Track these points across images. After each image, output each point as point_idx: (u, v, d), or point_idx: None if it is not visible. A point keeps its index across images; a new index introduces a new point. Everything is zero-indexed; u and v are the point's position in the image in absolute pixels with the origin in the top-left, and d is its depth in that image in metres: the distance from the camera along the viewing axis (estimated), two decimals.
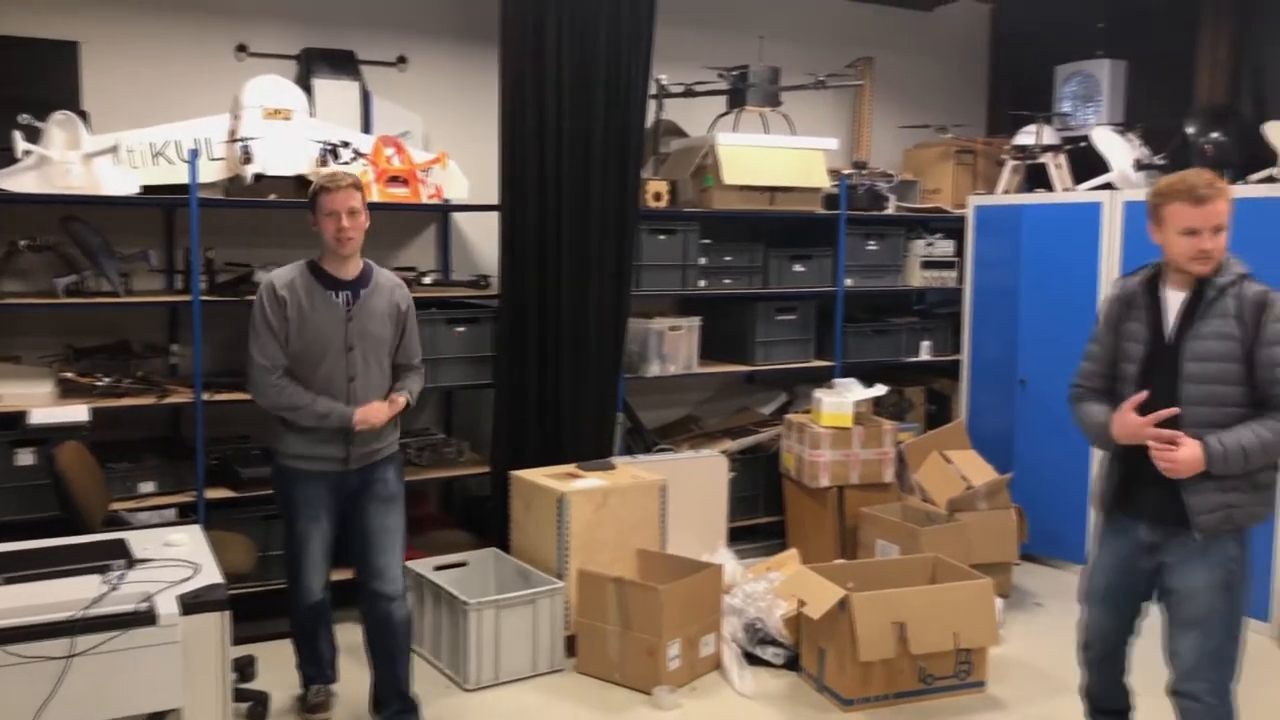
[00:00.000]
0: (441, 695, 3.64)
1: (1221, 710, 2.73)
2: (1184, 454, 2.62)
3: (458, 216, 4.88)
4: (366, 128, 4.46)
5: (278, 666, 3.69)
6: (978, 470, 4.73)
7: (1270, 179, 4.29)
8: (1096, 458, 4.77)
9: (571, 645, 3.90)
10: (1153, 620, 2.93)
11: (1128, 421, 2.70)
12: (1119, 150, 4.92)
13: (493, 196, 4.44)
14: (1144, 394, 2.69)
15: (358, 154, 4.15)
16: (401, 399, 3.33)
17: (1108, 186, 4.89)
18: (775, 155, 4.93)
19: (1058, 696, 3.70)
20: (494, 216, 4.46)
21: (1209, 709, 2.72)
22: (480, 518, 4.54)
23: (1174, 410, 2.65)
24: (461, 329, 4.43)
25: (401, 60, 4.71)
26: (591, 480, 4.08)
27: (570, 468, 4.23)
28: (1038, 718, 3.58)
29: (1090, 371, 2.95)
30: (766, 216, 5.06)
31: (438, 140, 4.68)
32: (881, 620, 3.55)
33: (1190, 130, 4.70)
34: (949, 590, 3.72)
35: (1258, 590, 3.91)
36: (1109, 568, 2.91)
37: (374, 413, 3.23)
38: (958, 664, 3.66)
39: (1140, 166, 4.85)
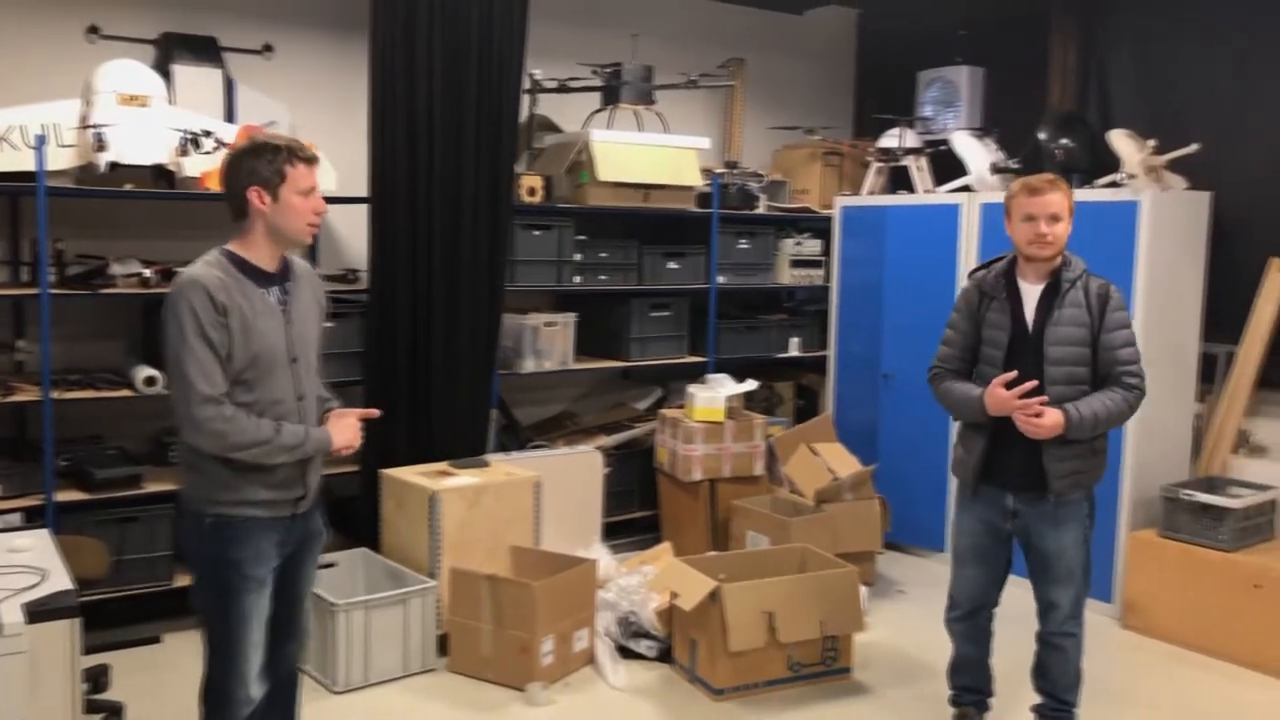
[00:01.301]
0: (309, 699, 3.54)
1: (1082, 639, 3.22)
2: (1048, 420, 2.99)
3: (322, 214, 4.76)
4: (230, 117, 4.32)
5: (133, 675, 3.56)
6: (843, 462, 4.87)
7: (1114, 184, 4.53)
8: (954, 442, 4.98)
9: (444, 644, 3.86)
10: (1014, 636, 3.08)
11: (999, 396, 3.03)
12: (977, 154, 5.13)
13: (362, 189, 4.36)
14: (1013, 374, 3.03)
15: (220, 143, 4.02)
16: (372, 411, 2.75)
17: (966, 189, 5.08)
18: (649, 153, 4.97)
19: (920, 680, 3.84)
20: (363, 209, 4.38)
21: (1078, 641, 3.20)
22: (349, 518, 4.45)
23: (1035, 383, 3.00)
24: (329, 324, 4.31)
25: (267, 48, 4.58)
26: (464, 478, 4.05)
27: (443, 465, 4.18)
28: (900, 700, 3.71)
29: (949, 355, 3.28)
30: (641, 213, 5.10)
31: (305, 131, 4.55)
32: (751, 610, 3.62)
33: (1042, 136, 4.92)
34: (816, 579, 3.82)
35: (1101, 573, 4.14)
36: (974, 530, 3.25)
37: (353, 431, 2.63)
38: (824, 651, 3.76)
39: (996, 170, 5.06)
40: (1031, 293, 3.14)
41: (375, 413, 2.75)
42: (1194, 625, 4.11)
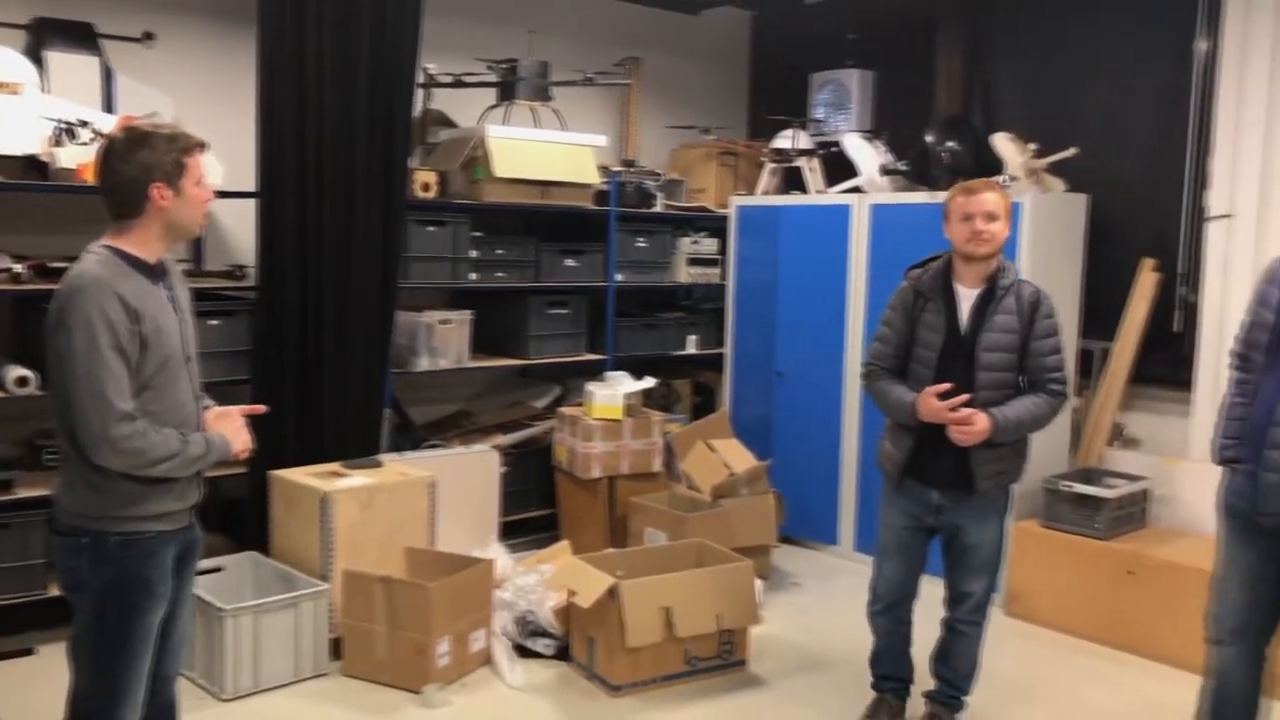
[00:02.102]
0: (195, 708, 3.45)
1: (985, 630, 3.38)
2: (977, 427, 3.09)
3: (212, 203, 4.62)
4: (109, 107, 4.16)
5: (7, 689, 3.40)
6: (740, 458, 4.93)
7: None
8: (848, 444, 5.11)
9: (337, 648, 3.78)
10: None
11: (932, 406, 3.12)
12: (867, 156, 5.24)
13: (250, 183, 4.24)
14: (947, 385, 3.11)
15: (98, 134, 3.86)
16: (257, 408, 2.62)
17: (857, 190, 5.19)
18: (546, 150, 4.95)
19: (814, 671, 3.91)
20: (251, 204, 4.26)
21: (981, 631, 3.36)
22: (237, 521, 4.32)
23: (968, 396, 3.10)
24: (215, 322, 4.20)
25: (148, 36, 4.41)
26: (357, 479, 3.97)
27: (334, 466, 4.10)
28: (794, 690, 3.77)
29: (883, 353, 3.32)
30: (538, 210, 5.07)
31: (190, 123, 4.34)
32: (649, 606, 3.64)
33: (929, 138, 5.05)
34: (713, 574, 3.85)
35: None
36: (897, 524, 3.33)
37: (244, 432, 2.52)
38: (721, 645, 3.80)
39: (885, 171, 5.18)
40: (967, 296, 3.19)
41: (260, 409, 2.63)
42: (1073, 611, 4.28)
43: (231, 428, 2.50)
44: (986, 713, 3.56)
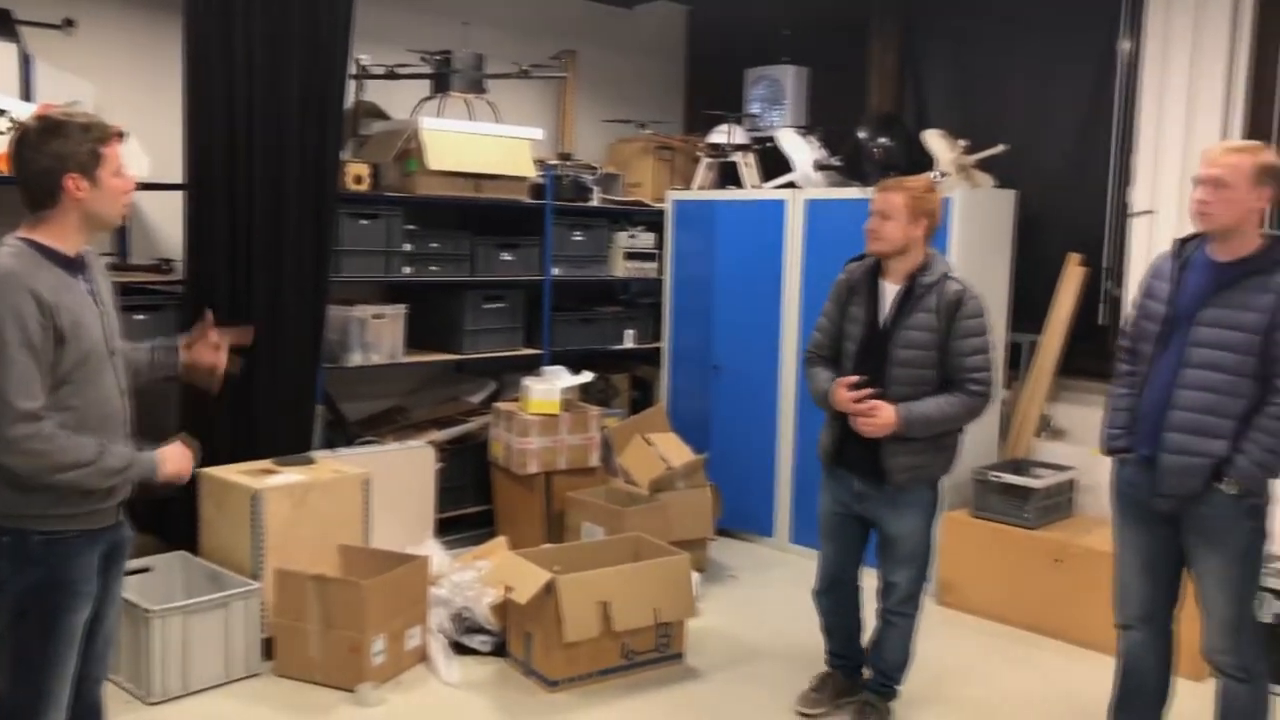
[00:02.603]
0: (121, 712, 3.37)
1: (916, 622, 3.43)
2: (880, 419, 3.16)
3: (137, 195, 4.49)
4: (28, 95, 4.03)
5: None
6: (677, 452, 4.94)
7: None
8: (784, 437, 5.15)
9: (269, 648, 3.72)
10: None
11: (841, 396, 3.23)
12: (802, 151, 5.28)
13: (177, 175, 4.15)
14: (856, 378, 3.22)
15: (15, 123, 3.74)
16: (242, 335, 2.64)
17: (791, 185, 5.23)
18: (481, 142, 4.91)
19: (750, 662, 3.95)
20: (178, 196, 4.17)
21: (912, 622, 3.41)
22: (165, 520, 4.22)
23: (871, 391, 3.19)
24: (142, 316, 4.10)
25: (69, 23, 4.29)
26: (289, 475, 3.91)
27: (266, 463, 4.03)
28: (730, 682, 3.79)
29: (819, 342, 3.43)
30: (473, 204, 5.03)
31: (114, 112, 4.28)
32: (586, 600, 3.63)
33: (862, 135, 5.11)
34: (649, 567, 3.86)
35: None
36: (829, 509, 3.43)
37: (185, 460, 2.50)
38: (658, 638, 3.81)
39: (820, 167, 5.22)
40: (890, 292, 3.26)
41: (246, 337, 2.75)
42: (1002, 599, 4.36)
43: (173, 454, 2.46)
44: (919, 700, 3.62)
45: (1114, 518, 3.04)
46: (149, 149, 4.19)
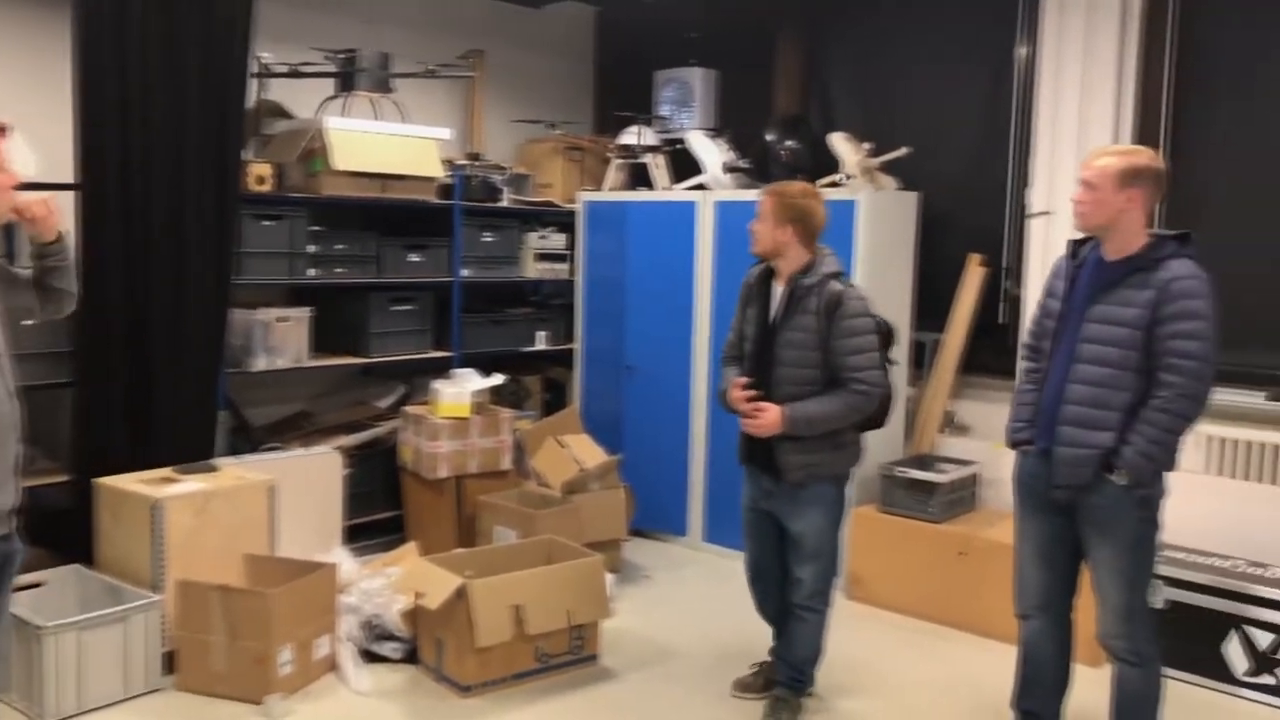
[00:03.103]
0: None
1: (826, 618, 3.50)
2: (765, 419, 3.25)
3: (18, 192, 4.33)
4: None
5: None
6: (590, 453, 4.94)
7: (835, 183, 4.82)
8: (697, 437, 5.19)
9: (171, 662, 3.61)
10: None
11: (732, 396, 3.35)
12: (711, 153, 5.32)
13: (69, 174, 4.00)
14: (745, 379, 3.32)
15: None
16: None
17: (701, 187, 5.27)
18: (388, 142, 4.84)
19: (664, 662, 3.96)
20: (70, 197, 4.02)
21: (821, 618, 3.48)
22: (59, 532, 4.07)
23: (754, 393, 3.28)
24: (32, 321, 3.94)
25: None
26: (190, 484, 3.80)
27: (166, 471, 3.91)
28: (646, 681, 3.80)
29: (730, 341, 3.57)
30: (380, 204, 4.96)
31: None
32: (499, 605, 3.61)
33: (770, 137, 5.17)
34: (562, 570, 3.85)
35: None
36: (747, 505, 3.53)
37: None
38: (572, 640, 3.80)
39: (729, 169, 5.27)
40: (779, 294, 3.35)
41: None
42: (910, 593, 4.45)
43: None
44: (832, 694, 3.67)
45: (1015, 509, 3.13)
46: (38, 147, 4.02)
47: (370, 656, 3.83)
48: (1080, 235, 3.04)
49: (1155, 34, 4.44)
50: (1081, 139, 4.50)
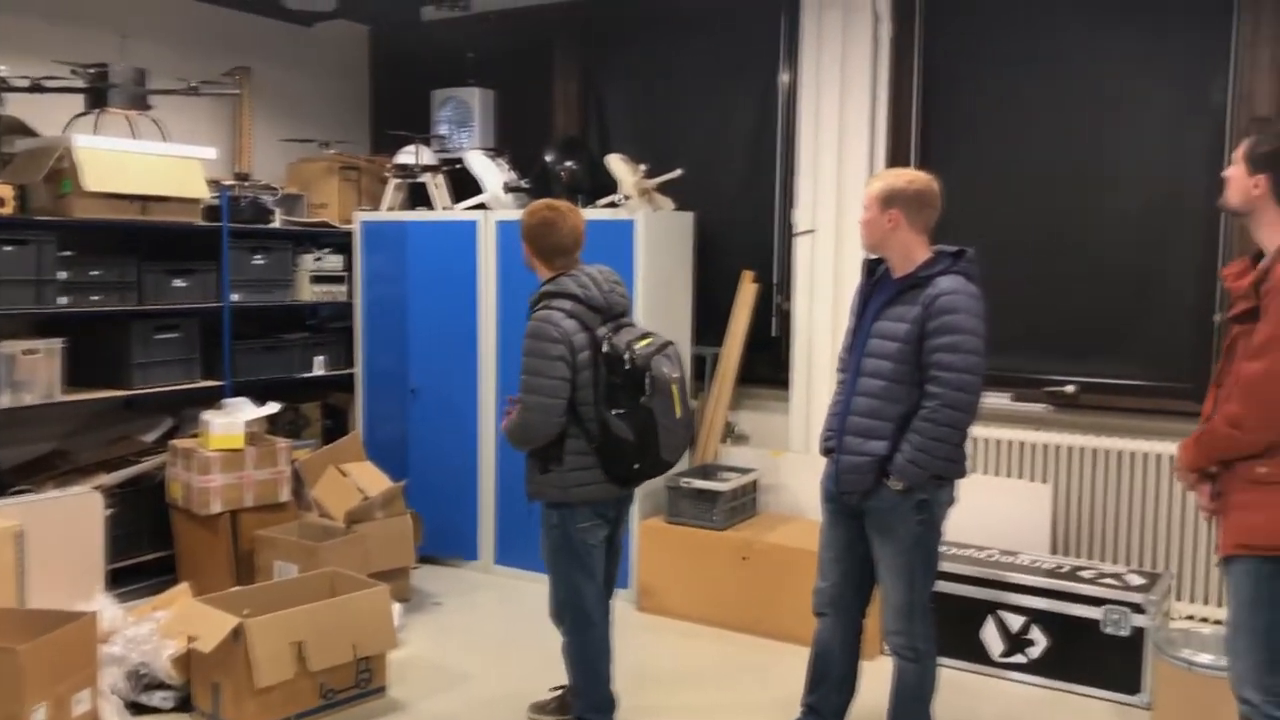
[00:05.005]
0: None
1: (571, 638, 3.39)
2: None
3: None
4: None
5: None
6: (374, 480, 4.82)
7: (613, 204, 4.91)
8: (485, 459, 5.14)
9: None
10: None
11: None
12: (491, 173, 5.31)
13: None
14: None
15: None
16: None
17: (482, 206, 5.25)
18: (146, 162, 4.58)
19: (455, 688, 3.90)
20: None
21: (567, 641, 3.38)
22: None
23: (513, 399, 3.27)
24: None
25: None
26: None
27: None
28: (434, 711, 3.73)
29: None
30: (140, 227, 4.67)
31: None
32: (279, 643, 3.46)
33: (549, 158, 5.21)
34: (346, 602, 3.73)
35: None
36: None
37: None
38: (358, 674, 3.69)
39: (509, 189, 5.27)
40: None
41: None
42: (697, 600, 4.57)
43: None
44: (631, 711, 3.69)
45: (821, 512, 3.27)
46: None
47: (138, 709, 3.59)
48: (872, 255, 3.20)
49: (903, 64, 4.77)
50: (841, 161, 4.77)
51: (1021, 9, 4.60)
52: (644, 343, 3.21)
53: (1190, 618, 4.25)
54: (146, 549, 4.73)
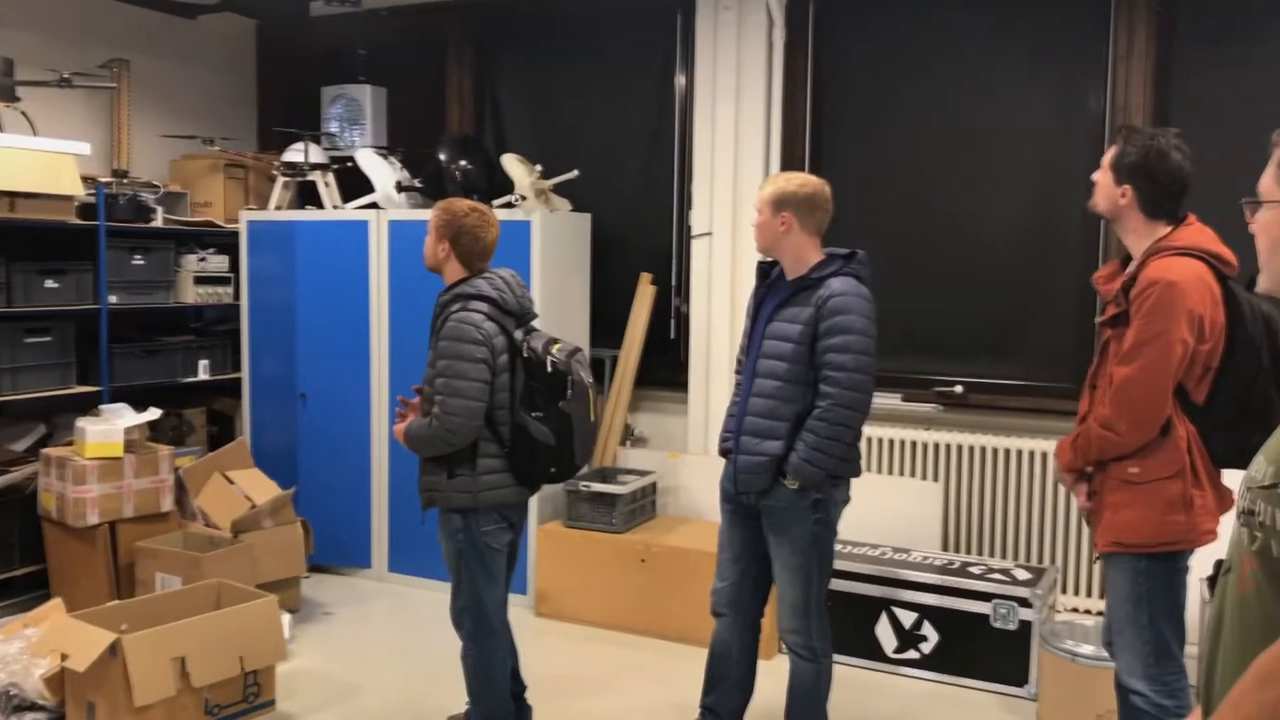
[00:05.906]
0: None
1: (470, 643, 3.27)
2: (398, 430, 3.21)
3: None
4: None
5: None
6: (261, 488, 4.67)
7: (509, 204, 4.85)
8: (378, 464, 5.03)
9: None
10: None
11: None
12: (383, 172, 5.19)
13: None
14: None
15: None
16: None
17: (374, 206, 5.13)
18: (13, 156, 4.35)
19: (346, 699, 3.80)
20: None
21: (465, 647, 3.27)
22: None
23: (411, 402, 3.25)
24: None
25: None
26: None
27: None
28: None
29: None
30: (7, 225, 4.44)
31: None
32: (159, 659, 3.31)
33: (443, 157, 5.12)
34: (232, 614, 3.59)
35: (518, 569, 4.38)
36: None
37: None
38: (246, 688, 3.56)
39: (401, 188, 5.17)
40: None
41: None
42: (596, 604, 4.54)
43: None
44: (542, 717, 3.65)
45: (720, 514, 3.27)
46: None
47: None
48: (766, 258, 3.21)
49: (797, 69, 4.83)
50: (737, 164, 4.80)
51: (910, 19, 4.70)
52: (557, 347, 3.18)
53: (1074, 610, 4.39)
54: (17, 563, 4.50)
